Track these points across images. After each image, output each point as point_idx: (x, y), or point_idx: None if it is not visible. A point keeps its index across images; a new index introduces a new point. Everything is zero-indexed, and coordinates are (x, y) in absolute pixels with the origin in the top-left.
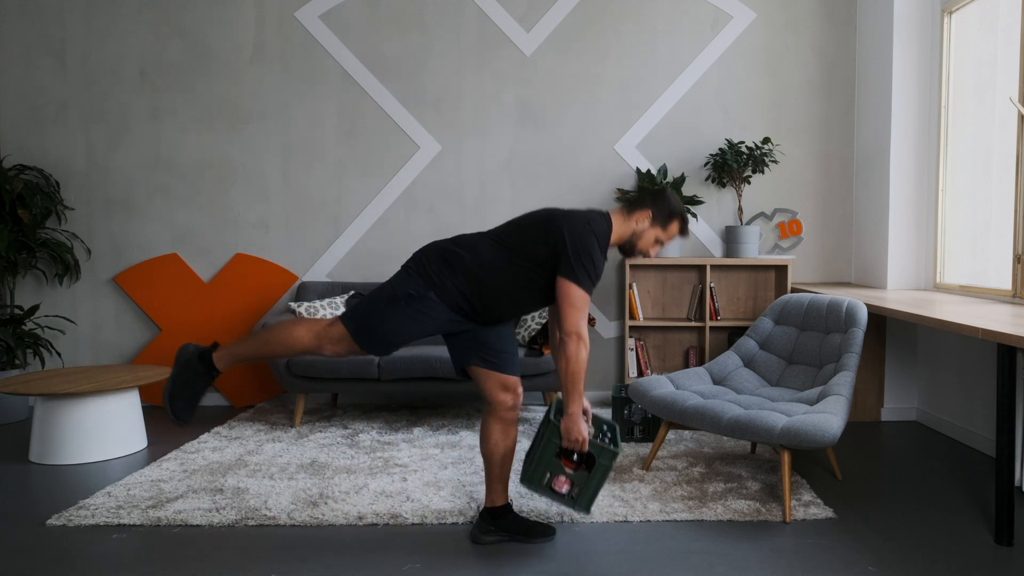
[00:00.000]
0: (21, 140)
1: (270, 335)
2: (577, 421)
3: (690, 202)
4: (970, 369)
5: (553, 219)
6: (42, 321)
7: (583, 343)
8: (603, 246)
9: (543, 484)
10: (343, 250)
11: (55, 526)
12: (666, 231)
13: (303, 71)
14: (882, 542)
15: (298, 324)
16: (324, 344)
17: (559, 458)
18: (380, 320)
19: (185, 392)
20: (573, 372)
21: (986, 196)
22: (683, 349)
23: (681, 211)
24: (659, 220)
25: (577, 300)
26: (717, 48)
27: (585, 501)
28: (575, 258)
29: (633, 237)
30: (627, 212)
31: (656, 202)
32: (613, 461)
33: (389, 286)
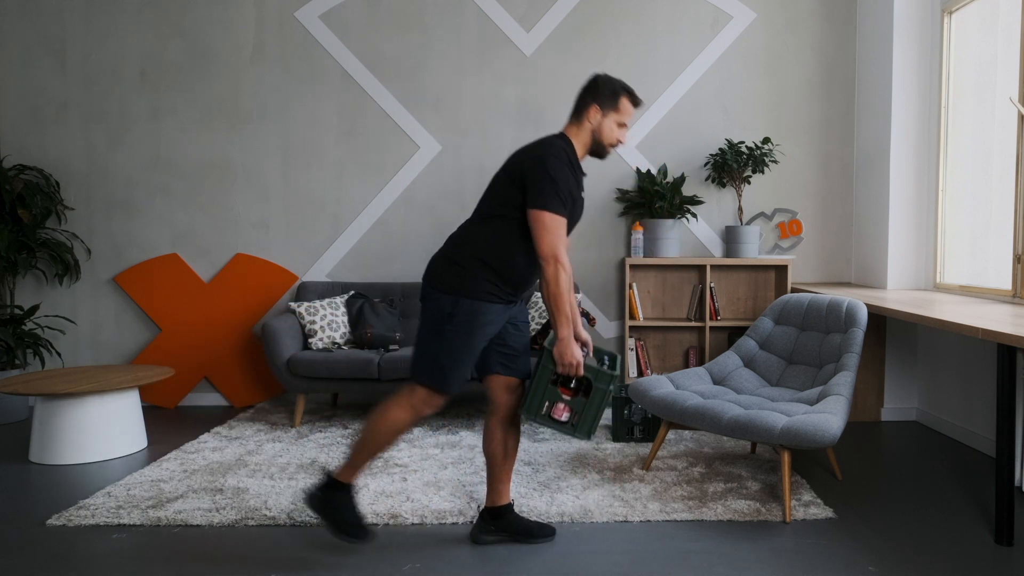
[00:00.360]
0: (21, 140)
1: (373, 433)
2: (569, 345)
3: (690, 202)
4: (970, 369)
5: (511, 161)
6: (42, 321)
7: (561, 266)
8: (567, 164)
9: (542, 414)
10: (343, 250)
11: (55, 526)
12: (620, 111)
13: (303, 71)
14: (882, 542)
15: (389, 410)
16: (420, 410)
17: (556, 385)
18: (441, 357)
19: (344, 519)
20: (555, 295)
21: (986, 196)
22: (683, 349)
23: (623, 84)
24: (609, 106)
25: (548, 223)
26: (717, 48)
27: (585, 428)
28: (537, 184)
29: (595, 136)
30: (577, 120)
31: (596, 92)
32: (611, 384)
33: (426, 323)
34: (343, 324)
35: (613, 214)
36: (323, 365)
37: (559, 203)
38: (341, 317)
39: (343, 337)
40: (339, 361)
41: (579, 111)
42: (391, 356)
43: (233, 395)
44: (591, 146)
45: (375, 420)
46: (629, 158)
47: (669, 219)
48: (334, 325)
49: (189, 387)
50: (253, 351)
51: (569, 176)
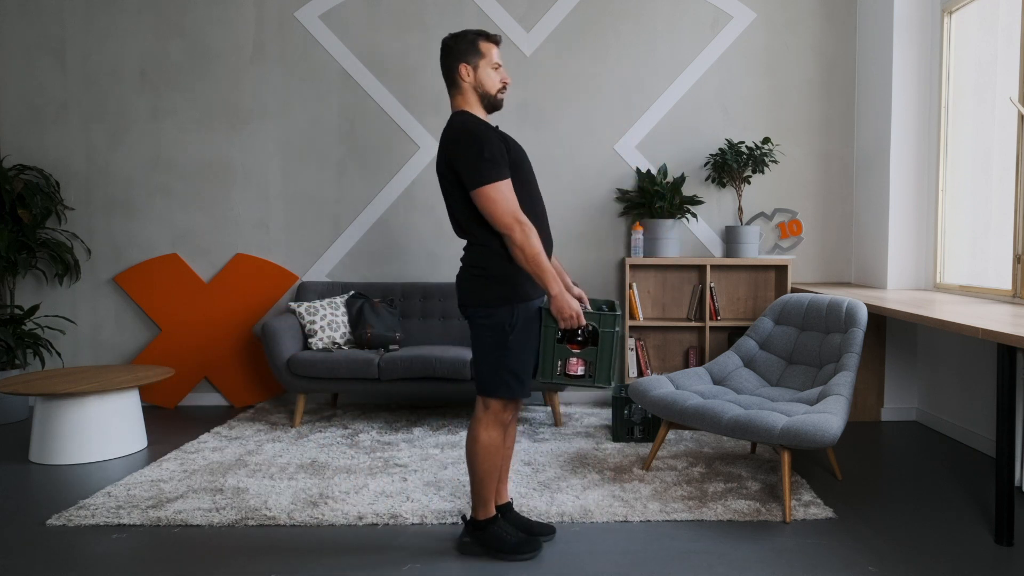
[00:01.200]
0: (21, 140)
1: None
2: (564, 298)
3: (690, 202)
4: (970, 369)
5: (437, 163)
6: (42, 321)
7: (524, 225)
8: (475, 129)
9: (557, 374)
10: (343, 250)
11: (55, 526)
12: (483, 57)
13: (303, 71)
14: (882, 542)
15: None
16: (505, 420)
17: (563, 343)
18: (514, 366)
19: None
20: (531, 256)
21: (986, 196)
22: (683, 349)
23: (473, 31)
24: (472, 58)
25: (492, 194)
26: (717, 48)
27: (604, 374)
28: (464, 166)
29: (480, 91)
30: (456, 89)
31: (455, 52)
32: (616, 326)
33: (484, 340)
34: (343, 324)
35: (613, 214)
36: (323, 365)
37: (493, 168)
38: (341, 317)
39: (343, 337)
40: (339, 361)
41: (451, 79)
42: (391, 356)
43: (233, 395)
44: (483, 102)
45: (472, 452)
46: (629, 158)
47: (669, 219)
48: (334, 325)
49: (189, 387)
50: (253, 351)
51: (488, 133)
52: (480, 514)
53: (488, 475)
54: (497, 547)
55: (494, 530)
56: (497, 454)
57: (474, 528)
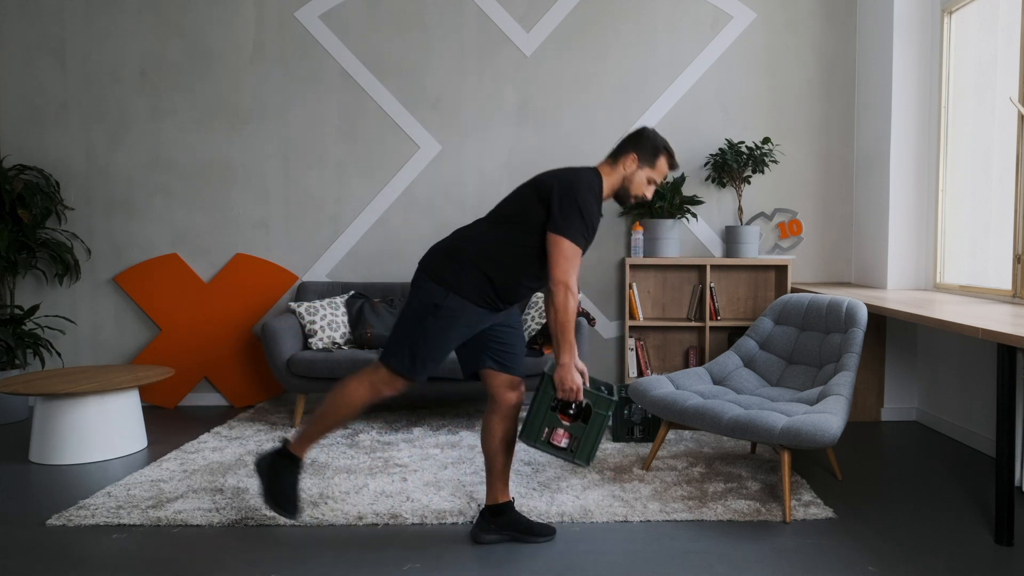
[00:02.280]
0: (21, 140)
1: (331, 407)
2: (570, 371)
3: (690, 202)
4: (970, 369)
5: (541, 179)
6: (42, 321)
7: (571, 293)
8: (595, 199)
9: (541, 439)
10: (343, 250)
11: (55, 526)
12: (655, 168)
13: (303, 71)
14: (882, 542)
15: (349, 384)
16: (380, 390)
17: (556, 411)
18: (417, 344)
19: (284, 492)
20: (562, 322)
21: (986, 196)
22: (683, 349)
23: (665, 144)
24: (646, 160)
25: (566, 250)
26: (717, 48)
27: (585, 453)
28: (564, 211)
29: (625, 183)
30: (613, 162)
31: (639, 143)
32: (610, 410)
33: (411, 308)
34: (343, 324)
35: (613, 214)
36: (323, 365)
37: (581, 234)
38: (341, 317)
39: (343, 337)
40: (339, 361)
41: (617, 154)
42: None
43: (233, 395)
44: (618, 191)
45: (335, 394)
46: None
47: (669, 219)
48: (334, 325)
49: (189, 387)
50: (253, 351)
51: (595, 211)
52: (296, 448)
53: (330, 425)
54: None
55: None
56: (351, 412)
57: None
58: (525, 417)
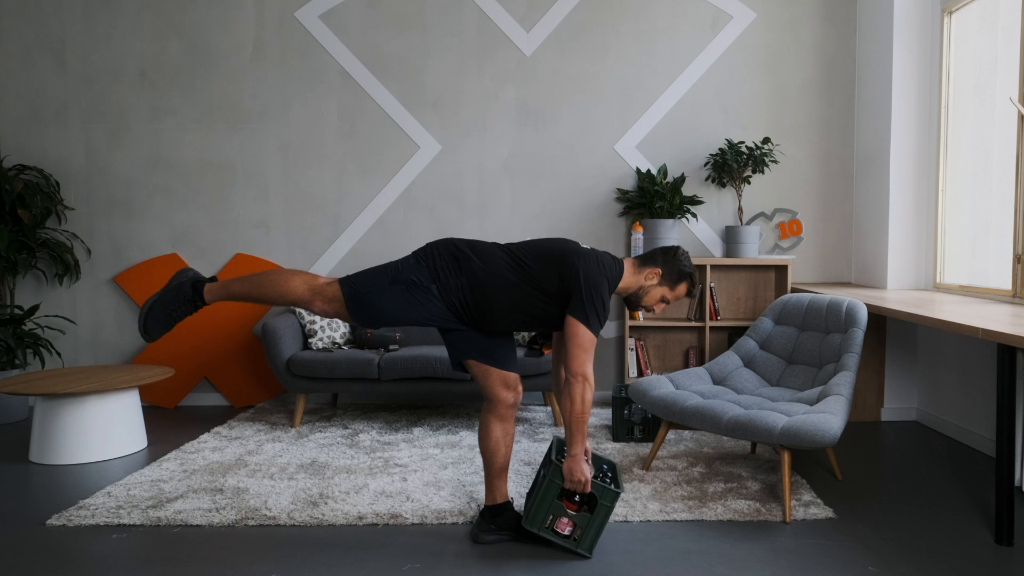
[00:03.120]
0: (21, 140)
1: (265, 278)
2: (580, 462)
3: (690, 202)
4: (970, 369)
5: (570, 255)
6: (42, 321)
7: (589, 385)
8: (612, 291)
9: (545, 527)
10: (343, 250)
11: (55, 526)
12: (673, 292)
13: (303, 71)
14: (882, 542)
15: (295, 274)
16: (315, 300)
17: (561, 499)
18: (377, 296)
19: (165, 311)
20: (578, 414)
21: (986, 196)
22: (683, 349)
23: (691, 273)
24: (668, 280)
25: (585, 341)
26: (717, 48)
27: (588, 543)
28: (588, 299)
29: (640, 291)
30: (639, 265)
31: (667, 262)
32: (615, 502)
33: (394, 267)
34: (343, 324)
35: (613, 214)
36: (323, 365)
37: (599, 325)
38: None
39: (343, 337)
40: (339, 361)
41: (645, 262)
42: (391, 356)
43: (233, 395)
44: (630, 294)
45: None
46: (629, 158)
47: (669, 219)
48: (334, 325)
49: (189, 387)
50: (253, 351)
51: (609, 305)
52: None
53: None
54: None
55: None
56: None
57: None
58: (528, 500)
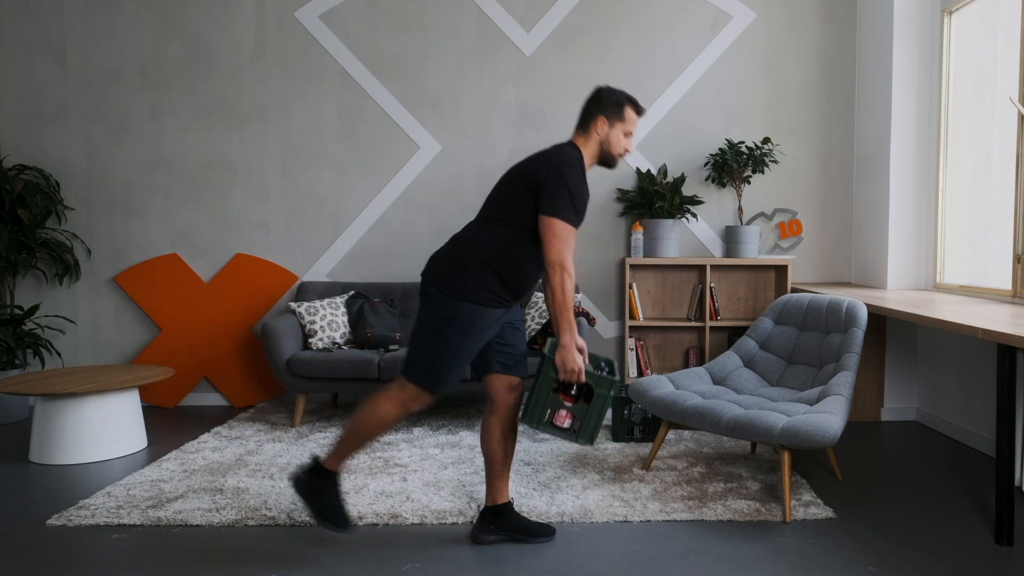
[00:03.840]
0: (21, 140)
1: (361, 424)
2: (571, 352)
3: (690, 202)
4: (970, 369)
5: (525, 167)
6: (42, 321)
7: (567, 273)
8: (581, 174)
9: (544, 421)
10: (343, 250)
11: (55, 526)
12: (625, 121)
13: (303, 71)
14: (882, 542)
15: (378, 402)
16: (409, 406)
17: (557, 393)
18: (438, 357)
19: (327, 505)
20: (560, 302)
21: (986, 196)
22: (683, 349)
23: (626, 95)
24: (614, 117)
25: (559, 231)
26: (717, 48)
27: (587, 433)
28: (553, 192)
29: (603, 147)
30: (584, 131)
31: (601, 104)
32: (611, 390)
33: (426, 322)
34: (343, 324)
35: (613, 214)
36: (323, 365)
37: (572, 213)
38: (341, 317)
39: (343, 337)
40: (339, 361)
41: (585, 123)
42: (391, 356)
43: (233, 395)
44: (599, 156)
45: (364, 412)
46: (629, 158)
47: (669, 219)
48: (334, 325)
49: (189, 387)
50: (253, 351)
51: (582, 187)
52: (330, 464)
53: (361, 442)
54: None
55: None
56: (381, 429)
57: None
58: (526, 399)
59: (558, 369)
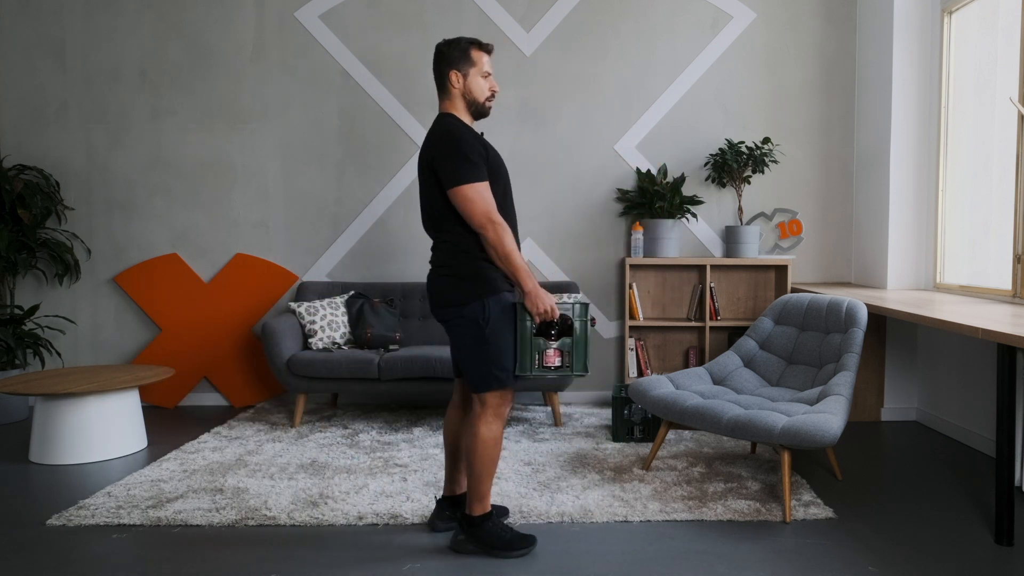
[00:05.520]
0: (21, 140)
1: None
2: (538, 293)
3: (690, 202)
4: (970, 369)
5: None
6: (42, 321)
7: (498, 226)
8: (463, 133)
9: (535, 367)
10: (343, 250)
11: (55, 526)
12: (476, 65)
13: (303, 71)
14: (882, 542)
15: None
16: (501, 413)
17: (538, 336)
18: (493, 358)
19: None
20: (505, 254)
21: (986, 196)
22: (683, 349)
23: (467, 39)
24: (464, 65)
25: (469, 194)
26: (717, 48)
27: (580, 362)
28: (443, 165)
29: (468, 97)
30: (445, 94)
31: (447, 59)
32: (587, 312)
33: (465, 337)
34: (343, 324)
35: (613, 214)
36: (323, 365)
37: (472, 168)
38: (341, 317)
39: (343, 337)
40: (339, 361)
41: (441, 84)
42: (391, 356)
43: (233, 395)
44: (471, 108)
45: (472, 448)
46: (629, 158)
47: (669, 219)
48: (334, 325)
49: (189, 387)
50: (253, 351)
51: (471, 141)
52: (476, 509)
53: (487, 470)
54: (491, 543)
55: (488, 527)
56: (497, 448)
57: (469, 525)
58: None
59: (531, 314)
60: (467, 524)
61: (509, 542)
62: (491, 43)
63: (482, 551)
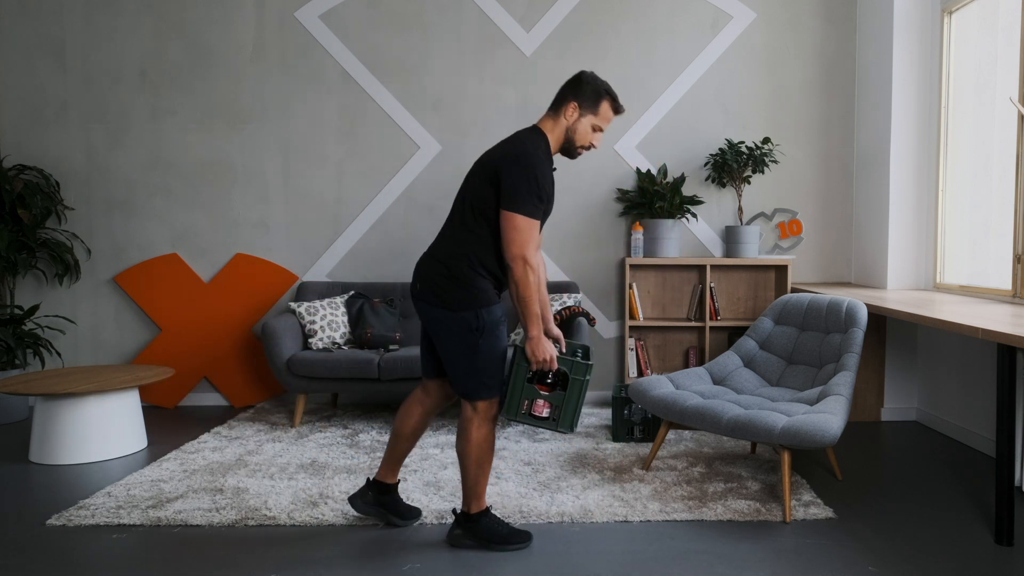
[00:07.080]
0: (21, 140)
1: (470, 461)
2: (540, 342)
3: (690, 202)
4: (970, 369)
5: (485, 160)
6: (42, 321)
7: (530, 267)
8: (543, 161)
9: (522, 412)
10: (343, 250)
11: (55, 526)
12: (599, 115)
13: (303, 71)
14: (882, 542)
15: (468, 435)
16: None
17: (532, 383)
18: (484, 367)
19: (500, 536)
20: (522, 296)
21: (986, 196)
22: (683, 349)
23: (607, 88)
24: (588, 106)
25: (520, 225)
26: (717, 48)
27: (567, 420)
28: (512, 186)
29: (568, 134)
30: (554, 114)
31: (578, 90)
32: (586, 375)
33: (455, 342)
34: (343, 324)
35: (613, 214)
36: (323, 365)
37: (534, 205)
38: (341, 317)
39: (343, 337)
40: (339, 361)
41: (558, 104)
42: (391, 356)
43: (233, 395)
44: (563, 144)
45: (465, 451)
46: (629, 158)
47: (669, 219)
48: (334, 325)
49: (189, 387)
50: (253, 351)
51: (546, 175)
52: (473, 508)
53: (483, 470)
54: (488, 538)
55: (485, 522)
56: (490, 448)
57: (466, 520)
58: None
59: (529, 360)
60: (465, 520)
61: (506, 536)
62: (625, 107)
63: (479, 545)
